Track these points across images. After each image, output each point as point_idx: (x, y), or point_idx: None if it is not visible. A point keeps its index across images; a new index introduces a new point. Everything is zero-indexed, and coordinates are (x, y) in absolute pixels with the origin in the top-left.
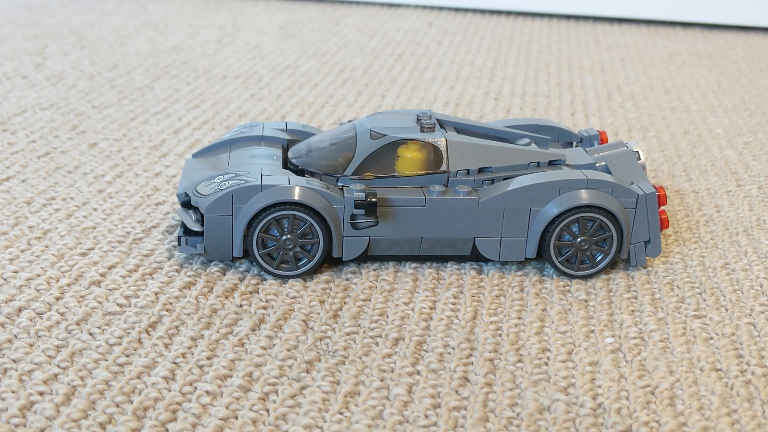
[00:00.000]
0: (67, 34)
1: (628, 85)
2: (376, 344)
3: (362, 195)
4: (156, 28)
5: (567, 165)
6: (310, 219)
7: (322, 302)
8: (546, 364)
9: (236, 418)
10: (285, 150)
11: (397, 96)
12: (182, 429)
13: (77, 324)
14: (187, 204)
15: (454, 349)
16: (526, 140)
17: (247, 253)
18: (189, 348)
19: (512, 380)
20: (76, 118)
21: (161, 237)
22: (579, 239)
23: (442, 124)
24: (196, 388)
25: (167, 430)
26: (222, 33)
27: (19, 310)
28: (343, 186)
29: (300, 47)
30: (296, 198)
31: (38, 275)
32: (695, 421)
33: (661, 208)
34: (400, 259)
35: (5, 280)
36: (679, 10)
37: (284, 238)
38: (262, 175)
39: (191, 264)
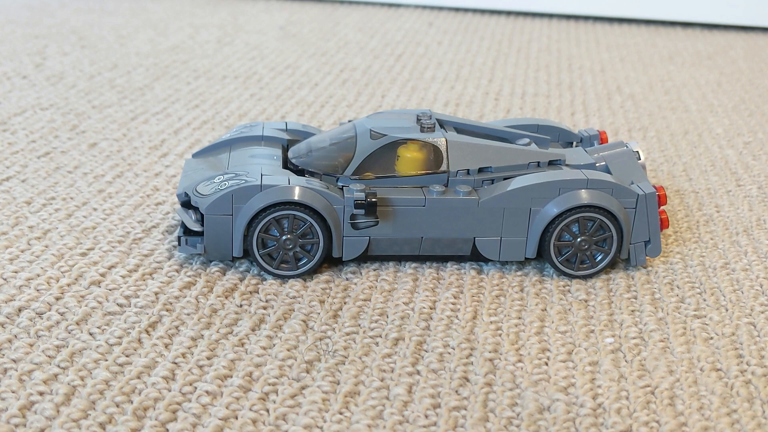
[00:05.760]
0: (67, 34)
1: (628, 85)
2: (376, 344)
3: (362, 195)
4: (156, 28)
5: (567, 165)
6: (310, 219)
7: (322, 302)
8: (546, 364)
9: (236, 418)
10: (285, 150)
11: (397, 96)
12: (182, 429)
13: (77, 324)
14: (187, 204)
15: (454, 349)
16: (526, 140)
17: (247, 253)
18: (189, 348)
19: (512, 380)
20: (76, 118)
21: (161, 237)
22: (579, 239)
23: (442, 124)
24: (196, 388)
25: (167, 430)
26: (222, 33)
27: (19, 310)
28: (343, 186)
29: (300, 47)
30: (296, 198)
31: (38, 275)
32: (695, 421)
33: (661, 208)
34: (400, 259)
35: (5, 280)
36: (679, 10)
37: (284, 238)
38: (262, 175)
39: (191, 264)
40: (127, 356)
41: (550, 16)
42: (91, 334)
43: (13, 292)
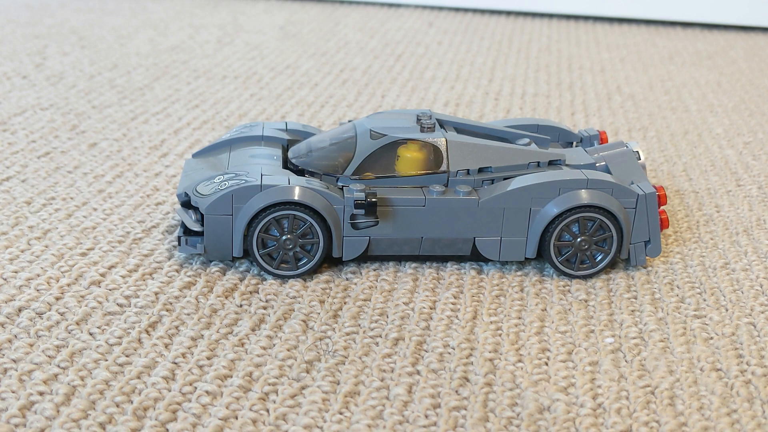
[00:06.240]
0: (67, 34)
1: (628, 85)
2: (376, 344)
3: (362, 195)
4: (156, 28)
5: (567, 165)
6: (310, 219)
7: (322, 302)
8: (546, 364)
9: (236, 418)
10: (285, 150)
11: (397, 96)
12: (182, 429)
13: (77, 324)
14: (187, 204)
15: (454, 349)
16: (526, 140)
17: (247, 253)
18: (189, 348)
19: (512, 380)
20: (76, 118)
21: (161, 237)
22: (579, 239)
23: (442, 124)
24: (196, 388)
25: (167, 430)
26: (222, 33)
27: (19, 310)
28: (343, 186)
29: (300, 47)
30: (296, 198)
31: (38, 275)
32: (695, 421)
33: (661, 208)
34: (400, 259)
35: (5, 280)
36: (679, 10)
37: (284, 238)
38: (262, 175)
39: (191, 264)
40: (127, 356)
41: (550, 16)
42: (91, 334)
43: (13, 292)
